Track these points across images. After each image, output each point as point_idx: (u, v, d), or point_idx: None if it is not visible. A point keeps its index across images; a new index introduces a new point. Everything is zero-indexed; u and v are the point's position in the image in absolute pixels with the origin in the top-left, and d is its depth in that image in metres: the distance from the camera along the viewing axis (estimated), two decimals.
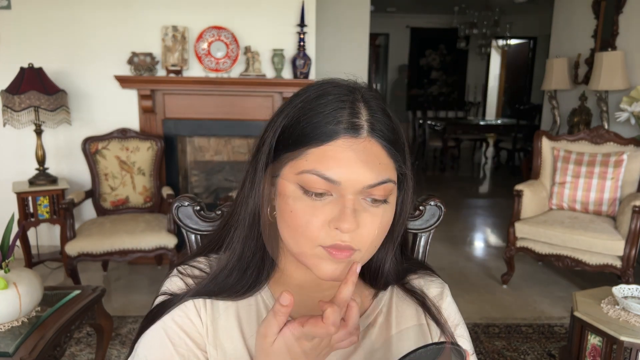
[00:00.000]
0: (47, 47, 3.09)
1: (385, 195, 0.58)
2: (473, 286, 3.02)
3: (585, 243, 2.68)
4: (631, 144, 2.93)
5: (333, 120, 0.57)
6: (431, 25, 8.63)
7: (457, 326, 0.71)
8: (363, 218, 0.57)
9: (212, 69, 3.16)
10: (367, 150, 0.56)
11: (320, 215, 0.56)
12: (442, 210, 0.89)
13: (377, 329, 0.67)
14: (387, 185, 0.57)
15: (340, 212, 0.55)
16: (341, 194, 0.56)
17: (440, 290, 0.73)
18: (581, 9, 4.16)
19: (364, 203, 0.58)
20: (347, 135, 0.56)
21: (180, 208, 0.85)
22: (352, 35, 4.36)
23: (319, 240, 0.57)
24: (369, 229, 0.58)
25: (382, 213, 0.59)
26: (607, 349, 1.70)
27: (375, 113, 0.58)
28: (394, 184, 0.59)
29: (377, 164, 0.57)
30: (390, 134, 0.59)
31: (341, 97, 0.59)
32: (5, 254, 1.58)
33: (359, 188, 0.56)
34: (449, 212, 3.94)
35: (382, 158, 0.57)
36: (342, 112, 0.57)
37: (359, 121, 0.57)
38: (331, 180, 0.55)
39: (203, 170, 3.45)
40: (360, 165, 0.56)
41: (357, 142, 0.56)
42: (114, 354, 2.18)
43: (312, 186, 0.56)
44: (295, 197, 0.58)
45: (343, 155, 0.56)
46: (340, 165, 0.55)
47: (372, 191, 0.57)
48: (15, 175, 3.12)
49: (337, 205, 0.56)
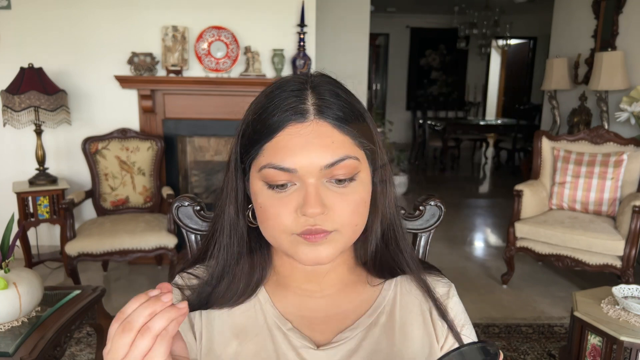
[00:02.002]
0: (47, 47, 3.09)
1: (349, 173, 0.58)
2: (473, 286, 3.02)
3: (585, 243, 2.68)
4: (631, 144, 2.93)
5: (279, 111, 0.57)
6: (431, 25, 8.63)
7: (464, 327, 0.71)
8: (330, 199, 0.57)
9: (212, 69, 3.16)
10: (316, 131, 0.57)
11: (287, 205, 0.57)
12: (442, 210, 0.89)
13: (379, 328, 0.66)
14: (346, 163, 0.57)
15: (304, 198, 0.56)
16: (302, 180, 0.57)
17: (447, 290, 0.72)
18: (581, 9, 4.16)
19: (329, 185, 0.58)
20: (293, 122, 0.57)
21: (180, 208, 0.85)
22: (352, 35, 4.36)
23: (291, 228, 0.58)
24: (340, 209, 0.57)
25: (352, 191, 0.58)
26: (607, 349, 1.70)
27: (322, 95, 0.59)
28: (355, 159, 0.58)
29: (329, 144, 0.56)
30: (341, 112, 0.58)
31: (288, 89, 0.59)
32: (5, 254, 1.58)
33: (316, 170, 0.56)
34: (449, 212, 3.95)
35: (334, 136, 0.57)
36: (287, 102, 0.58)
37: (303, 106, 0.57)
38: (287, 169, 0.56)
39: (203, 170, 3.45)
40: (311, 148, 0.56)
41: (304, 127, 0.57)
42: None
43: (273, 179, 0.57)
44: (262, 193, 0.59)
45: (293, 142, 0.56)
46: (293, 153, 0.56)
47: (333, 171, 0.57)
48: (15, 175, 3.12)
49: (301, 192, 0.57)
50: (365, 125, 0.61)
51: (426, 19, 8.54)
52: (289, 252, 0.60)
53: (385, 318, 0.67)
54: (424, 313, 0.68)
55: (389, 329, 0.66)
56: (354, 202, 0.59)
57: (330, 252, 0.59)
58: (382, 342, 0.65)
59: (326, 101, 0.58)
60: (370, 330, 0.65)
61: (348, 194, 0.58)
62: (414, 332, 0.67)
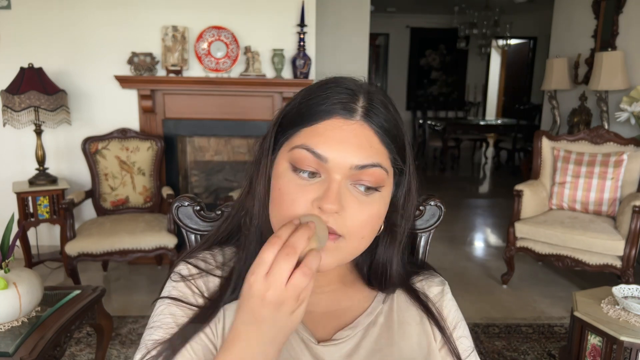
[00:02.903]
0: (47, 47, 3.09)
1: (375, 182, 0.57)
2: (473, 286, 3.02)
3: (585, 243, 2.68)
4: (631, 144, 2.93)
5: (329, 102, 0.58)
6: (431, 25, 8.63)
7: (458, 324, 0.71)
8: (349, 202, 0.56)
9: (212, 69, 3.16)
10: (359, 132, 0.57)
11: (307, 194, 0.56)
12: (442, 210, 0.89)
13: (378, 328, 0.66)
14: (376, 170, 0.57)
15: (325, 192, 0.55)
16: (329, 174, 0.56)
17: (440, 289, 0.73)
18: (581, 9, 4.16)
19: (352, 189, 0.57)
20: (340, 116, 0.57)
21: (180, 208, 0.85)
22: (352, 35, 4.36)
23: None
24: (354, 214, 0.57)
25: (372, 202, 0.58)
26: (607, 349, 1.70)
27: (373, 102, 0.59)
28: (385, 171, 0.58)
29: (367, 147, 0.56)
30: (386, 123, 0.59)
31: (343, 86, 0.60)
32: (5, 254, 1.58)
33: (346, 168, 0.56)
34: (449, 212, 3.94)
35: (373, 142, 0.57)
36: (339, 96, 0.58)
37: (354, 105, 0.58)
38: (319, 156, 0.56)
39: (203, 170, 3.45)
40: (349, 144, 0.56)
41: (348, 123, 0.57)
42: (114, 354, 2.18)
43: (301, 162, 0.57)
44: (285, 175, 0.58)
45: (333, 134, 0.56)
46: (330, 143, 0.56)
47: (361, 175, 0.56)
48: (15, 175, 3.12)
49: (323, 185, 0.56)
50: (403, 146, 0.61)
51: (426, 19, 8.54)
52: None
53: (383, 318, 0.68)
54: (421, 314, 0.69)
55: (387, 329, 0.67)
56: (369, 213, 0.58)
57: (331, 261, 0.58)
58: (381, 342, 0.65)
59: (376, 108, 0.58)
60: (370, 329, 0.66)
61: (367, 203, 0.58)
62: (412, 331, 0.67)
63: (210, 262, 0.68)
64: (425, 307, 0.69)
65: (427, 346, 0.67)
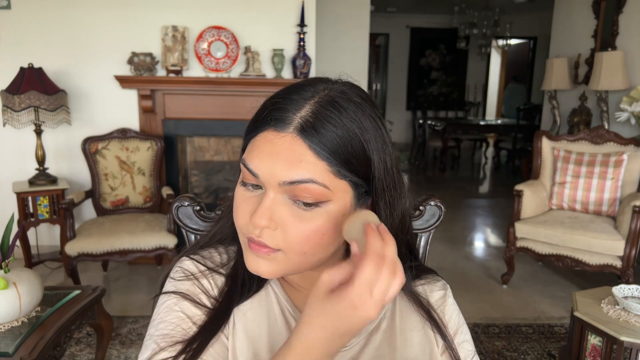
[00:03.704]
0: (47, 47, 3.09)
1: (313, 197, 0.54)
2: (473, 286, 3.02)
3: (585, 243, 2.68)
4: (631, 144, 2.93)
5: (268, 112, 0.56)
6: (431, 25, 8.63)
7: (459, 329, 0.71)
8: (284, 219, 0.55)
9: (212, 69, 3.16)
10: (288, 146, 0.54)
11: (246, 206, 0.57)
12: (442, 210, 0.89)
13: (381, 334, 0.66)
14: (310, 187, 0.53)
15: (257, 206, 0.55)
16: (265, 188, 0.56)
17: (442, 293, 0.72)
18: (581, 9, 4.16)
19: (291, 205, 0.55)
20: (273, 128, 0.55)
21: (180, 208, 0.85)
22: (352, 35, 4.36)
23: (243, 229, 0.58)
24: (290, 229, 0.55)
25: (313, 218, 0.55)
26: (607, 349, 1.70)
27: (318, 115, 0.54)
28: (323, 187, 0.54)
29: (296, 162, 0.53)
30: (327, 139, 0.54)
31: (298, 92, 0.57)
32: (5, 254, 1.58)
33: (275, 183, 0.54)
34: (449, 212, 3.94)
35: (306, 156, 0.53)
36: (279, 106, 0.56)
37: (291, 115, 0.54)
38: (251, 171, 0.56)
39: (203, 170, 3.45)
40: (278, 159, 0.54)
41: (280, 136, 0.54)
42: (114, 354, 2.18)
43: (244, 176, 0.58)
44: (238, 185, 0.60)
45: (265, 147, 0.55)
46: (260, 157, 0.55)
47: (294, 190, 0.54)
48: (15, 175, 3.12)
49: (260, 199, 0.56)
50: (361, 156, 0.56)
51: (426, 19, 8.54)
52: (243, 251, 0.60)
53: (386, 324, 0.67)
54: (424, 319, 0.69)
55: (390, 335, 0.66)
56: (308, 229, 0.55)
57: (270, 269, 0.57)
58: (384, 347, 0.65)
59: (318, 121, 0.54)
60: (372, 335, 0.66)
61: (307, 219, 0.55)
62: (414, 337, 0.67)
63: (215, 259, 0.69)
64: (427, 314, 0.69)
65: (430, 352, 0.67)
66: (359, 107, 0.57)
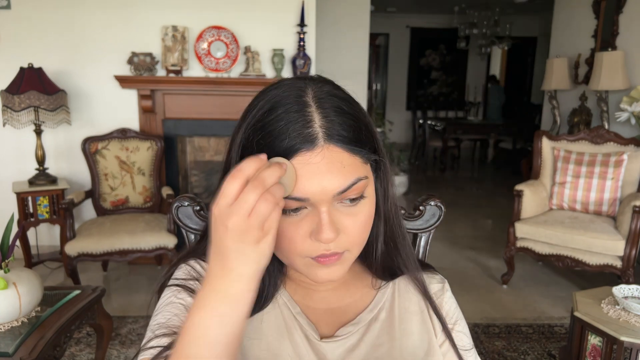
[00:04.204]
0: (47, 47, 3.09)
1: (359, 192, 0.57)
2: (473, 286, 3.02)
3: (585, 243, 2.68)
4: (631, 144, 2.93)
5: (286, 137, 0.54)
6: (431, 25, 8.63)
7: (457, 322, 0.72)
8: (343, 223, 0.57)
9: (212, 69, 3.16)
10: (327, 157, 0.54)
11: (300, 230, 0.57)
12: (442, 210, 0.89)
13: (380, 323, 0.67)
14: (358, 185, 0.56)
15: (317, 225, 0.55)
16: (314, 206, 0.56)
17: (440, 286, 0.73)
18: (581, 9, 4.16)
19: (340, 207, 0.57)
20: (304, 150, 0.54)
21: (180, 208, 0.85)
22: (352, 35, 4.36)
23: (305, 252, 0.58)
24: (351, 230, 0.58)
25: (361, 209, 0.58)
26: (607, 349, 1.70)
27: (328, 115, 0.56)
28: (365, 179, 0.57)
29: (340, 169, 0.55)
30: (349, 132, 0.56)
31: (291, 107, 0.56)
32: (5, 254, 1.58)
33: (328, 198, 0.55)
34: (449, 212, 3.92)
35: (345, 160, 0.55)
36: (294, 126, 0.55)
37: (312, 130, 0.54)
38: (298, 199, 0.55)
39: (203, 170, 3.45)
40: (322, 176, 0.54)
41: (314, 154, 0.54)
42: (114, 354, 2.18)
43: (285, 206, 0.55)
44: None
45: (303, 171, 0.54)
46: (302, 181, 0.54)
47: (345, 195, 0.56)
48: (15, 175, 3.12)
49: (314, 217, 0.56)
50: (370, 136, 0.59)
51: (426, 19, 8.54)
52: (303, 272, 0.61)
53: (385, 314, 0.69)
54: (422, 309, 0.70)
55: (389, 325, 0.68)
56: (364, 220, 0.59)
57: (342, 271, 0.61)
58: (382, 337, 0.66)
59: (333, 121, 0.56)
60: (371, 325, 0.67)
61: (358, 212, 0.58)
62: (413, 327, 0.68)
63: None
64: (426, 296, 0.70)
65: (428, 342, 0.68)
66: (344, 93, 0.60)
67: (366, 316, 0.67)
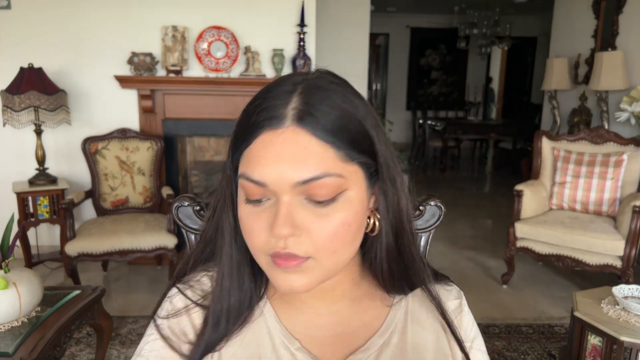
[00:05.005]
0: (47, 47, 3.09)
1: (331, 193, 0.50)
2: (473, 286, 3.02)
3: (585, 243, 2.68)
4: (631, 144, 2.93)
5: (256, 115, 0.51)
6: (431, 25, 8.63)
7: (475, 339, 0.67)
8: (305, 221, 0.51)
9: (212, 69, 3.16)
10: (291, 141, 0.49)
11: (261, 222, 0.52)
12: (442, 210, 0.89)
13: (391, 348, 0.61)
14: (326, 181, 0.50)
15: (275, 216, 0.50)
16: (276, 195, 0.51)
17: (458, 302, 0.68)
18: (581, 9, 4.16)
19: (307, 204, 0.51)
20: (268, 128, 0.50)
21: (180, 208, 0.85)
22: (352, 35, 4.36)
23: (264, 248, 0.53)
24: (315, 230, 0.51)
25: (334, 212, 0.51)
26: (607, 349, 1.70)
27: (309, 100, 0.51)
28: (338, 177, 0.50)
29: (304, 157, 0.49)
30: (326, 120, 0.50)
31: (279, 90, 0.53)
32: (5, 254, 1.58)
33: (288, 187, 0.50)
34: (449, 212, 3.92)
35: (311, 148, 0.49)
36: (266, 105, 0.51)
37: (283, 110, 0.50)
38: (257, 182, 0.51)
39: (203, 170, 3.45)
40: (282, 160, 0.49)
41: (277, 134, 0.50)
42: (114, 354, 2.18)
43: (248, 192, 0.52)
44: (241, 205, 0.54)
45: (264, 153, 0.50)
46: (263, 164, 0.50)
47: (310, 189, 0.50)
48: (15, 175, 3.12)
49: (274, 208, 0.51)
50: (363, 134, 0.53)
51: (426, 18, 8.54)
52: (267, 274, 0.55)
53: (397, 338, 0.62)
54: (437, 330, 0.64)
55: (401, 350, 0.62)
56: (334, 225, 0.51)
57: (304, 282, 0.53)
58: None
59: (311, 107, 0.50)
60: (383, 351, 0.61)
61: (328, 214, 0.51)
62: (428, 352, 0.63)
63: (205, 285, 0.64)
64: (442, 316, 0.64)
65: None
66: (343, 87, 0.55)
67: (377, 341, 0.61)
